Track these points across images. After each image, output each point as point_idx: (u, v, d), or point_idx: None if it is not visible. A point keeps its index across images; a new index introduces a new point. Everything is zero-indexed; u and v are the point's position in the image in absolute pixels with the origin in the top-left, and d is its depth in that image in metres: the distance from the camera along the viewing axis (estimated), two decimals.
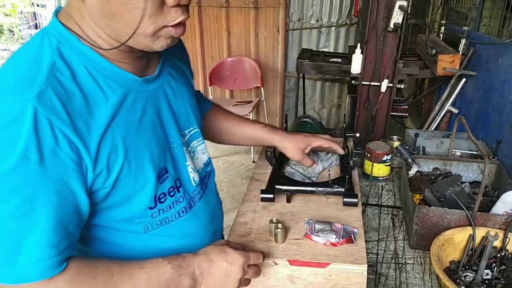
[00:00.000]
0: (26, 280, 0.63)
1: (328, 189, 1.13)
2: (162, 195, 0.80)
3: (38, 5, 7.53)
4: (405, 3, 1.90)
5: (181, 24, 0.69)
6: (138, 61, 0.77)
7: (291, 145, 1.16)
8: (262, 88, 3.94)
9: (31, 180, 0.60)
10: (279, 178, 1.20)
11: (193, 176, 0.89)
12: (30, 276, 0.64)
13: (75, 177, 0.65)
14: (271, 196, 1.12)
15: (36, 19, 7.90)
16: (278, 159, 1.32)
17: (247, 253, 0.81)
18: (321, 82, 4.17)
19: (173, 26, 0.68)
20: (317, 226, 0.97)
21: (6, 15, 6.53)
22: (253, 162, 3.80)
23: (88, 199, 0.68)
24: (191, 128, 0.92)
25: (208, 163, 0.99)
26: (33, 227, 0.62)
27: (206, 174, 0.97)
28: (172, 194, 0.82)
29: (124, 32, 0.67)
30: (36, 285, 0.64)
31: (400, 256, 1.23)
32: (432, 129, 2.26)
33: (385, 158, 1.57)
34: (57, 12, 0.72)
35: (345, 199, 1.09)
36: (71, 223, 0.67)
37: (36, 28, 7.80)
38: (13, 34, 7.00)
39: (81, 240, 0.77)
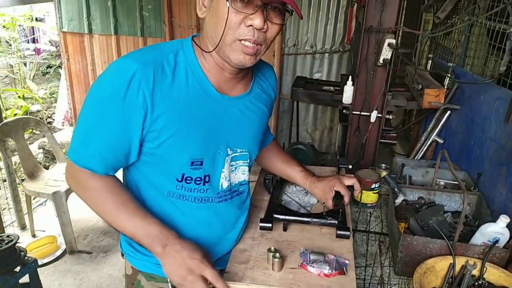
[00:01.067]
0: (81, 164, 0.94)
1: (323, 221, 1.22)
2: (189, 178, 1.02)
3: (37, 19, 7.62)
4: (393, 41, 2.03)
5: (251, 45, 0.91)
6: (223, 80, 1.02)
7: (318, 190, 1.33)
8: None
9: (112, 107, 0.90)
10: (276, 207, 1.28)
11: (222, 182, 1.08)
12: (84, 163, 0.94)
13: (138, 121, 0.92)
14: (269, 225, 1.21)
15: (34, 33, 7.98)
16: (275, 187, 1.41)
17: (205, 265, 0.90)
18: (314, 105, 4.29)
19: (243, 43, 0.91)
20: (312, 257, 1.04)
21: (6, 27, 6.59)
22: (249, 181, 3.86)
23: (139, 141, 0.95)
24: (242, 150, 1.11)
25: (243, 184, 1.16)
26: (100, 133, 0.92)
27: (237, 191, 1.15)
28: (197, 182, 1.03)
29: (217, 39, 0.92)
30: (84, 172, 0.94)
31: (386, 282, 1.29)
32: (419, 157, 2.37)
33: (373, 186, 1.63)
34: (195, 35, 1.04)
35: (338, 232, 1.18)
36: (122, 150, 0.95)
37: (34, 42, 7.88)
38: (10, 46, 7.04)
39: (124, 180, 1.07)
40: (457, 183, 1.77)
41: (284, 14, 0.94)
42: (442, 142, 2.31)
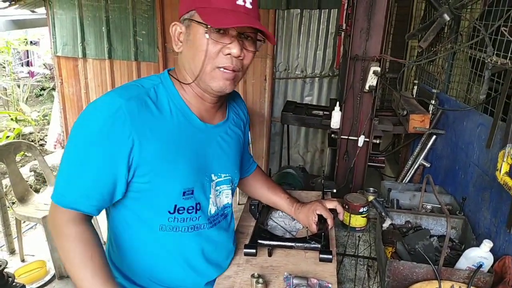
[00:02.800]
0: (65, 204, 0.91)
1: (306, 245, 1.23)
2: (182, 209, 1.02)
3: (31, 43, 7.70)
4: (378, 69, 2.09)
5: (229, 71, 0.96)
6: (204, 109, 1.06)
7: (302, 215, 1.36)
8: (249, 132, 4.08)
9: (96, 143, 0.90)
10: (261, 233, 1.30)
11: (211, 208, 1.10)
12: (69, 203, 0.91)
13: (123, 156, 0.91)
14: (254, 251, 1.22)
15: (28, 57, 8.05)
16: (261, 213, 1.43)
17: None
18: (305, 127, 4.34)
19: (222, 70, 0.95)
20: (295, 281, 1.06)
21: (0, 51, 6.65)
22: (238, 204, 3.87)
23: (125, 177, 0.94)
24: (226, 175, 1.15)
25: (227, 207, 1.18)
26: (85, 172, 0.91)
27: (223, 214, 1.17)
28: (190, 211, 1.03)
29: (197, 70, 0.97)
30: (64, 215, 0.91)
31: None
32: (407, 181, 2.39)
33: (361, 210, 1.65)
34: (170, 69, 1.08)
35: (321, 255, 1.19)
36: (107, 188, 0.93)
37: (28, 65, 7.95)
38: (4, 68, 7.09)
39: (112, 220, 1.04)
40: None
41: (256, 42, 1.01)
42: (428, 165, 2.35)
